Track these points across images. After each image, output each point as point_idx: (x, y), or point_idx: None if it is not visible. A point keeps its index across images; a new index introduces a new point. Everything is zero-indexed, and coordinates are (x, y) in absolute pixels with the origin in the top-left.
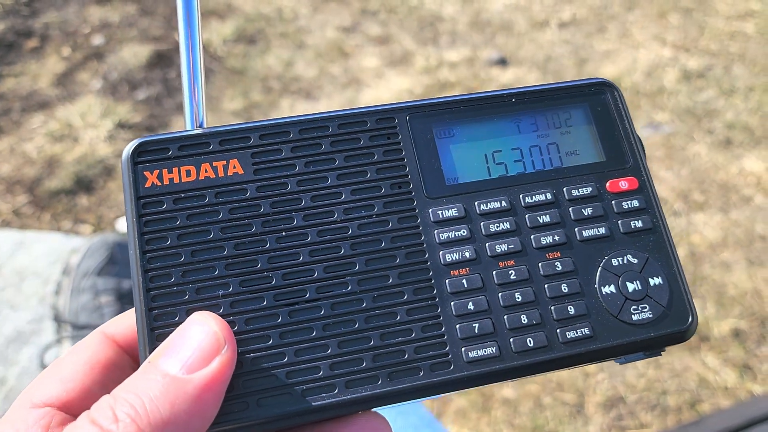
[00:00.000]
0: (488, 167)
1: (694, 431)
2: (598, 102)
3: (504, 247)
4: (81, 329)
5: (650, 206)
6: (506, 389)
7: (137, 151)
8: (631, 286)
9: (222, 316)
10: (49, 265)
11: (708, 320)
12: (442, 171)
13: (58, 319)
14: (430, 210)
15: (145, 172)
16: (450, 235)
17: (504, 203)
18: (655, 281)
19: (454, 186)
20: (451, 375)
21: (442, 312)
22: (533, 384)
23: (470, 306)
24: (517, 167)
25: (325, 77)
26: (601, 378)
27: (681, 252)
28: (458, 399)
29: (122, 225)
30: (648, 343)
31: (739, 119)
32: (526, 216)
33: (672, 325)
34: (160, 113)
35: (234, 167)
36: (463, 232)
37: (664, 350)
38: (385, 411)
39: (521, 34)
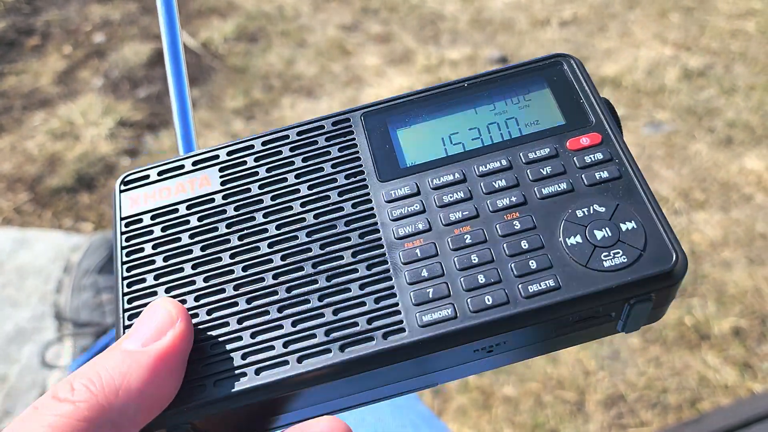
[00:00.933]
0: (445, 148)
1: (694, 429)
2: (554, 72)
3: (458, 215)
4: (82, 327)
5: (616, 156)
6: (507, 387)
7: (123, 182)
8: (599, 234)
9: (189, 309)
10: (50, 262)
11: (708, 319)
12: (396, 156)
13: (59, 317)
14: (383, 191)
15: (129, 197)
16: (403, 210)
17: (457, 175)
18: (627, 226)
19: (408, 168)
20: (405, 340)
21: (396, 282)
22: (534, 382)
23: (424, 273)
24: (475, 144)
25: (326, 75)
26: (601, 376)
27: None
28: (459, 397)
29: None
30: (629, 290)
31: (740, 118)
32: (481, 183)
33: (653, 267)
34: (161, 111)
35: (204, 181)
36: (416, 206)
37: (653, 295)
38: (382, 406)
39: (522, 32)
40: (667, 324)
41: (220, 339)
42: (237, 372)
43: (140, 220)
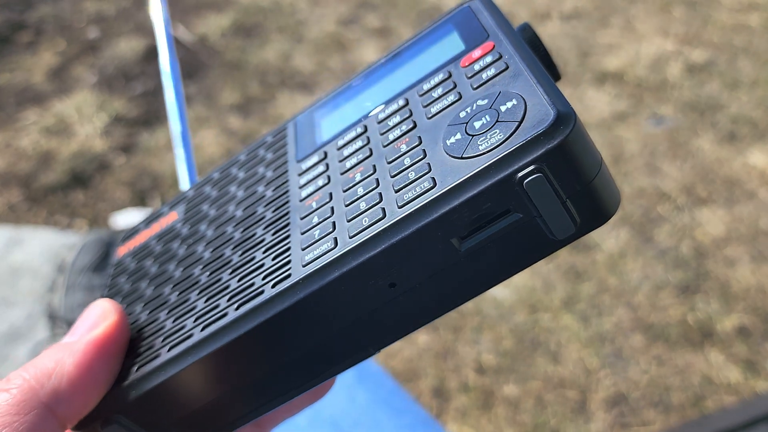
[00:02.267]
0: (358, 115)
1: (697, 429)
2: (461, 14)
3: (353, 161)
4: None
5: (505, 52)
6: (508, 387)
7: (121, 239)
8: (478, 124)
9: (134, 314)
10: (44, 261)
11: (712, 316)
12: (315, 138)
13: (53, 316)
14: (298, 167)
15: (119, 248)
16: (309, 176)
17: (359, 129)
18: (507, 106)
19: (322, 142)
20: (289, 283)
21: (292, 237)
22: (535, 381)
23: (315, 219)
24: (383, 99)
25: (323, 71)
26: (603, 375)
27: (684, 248)
28: (459, 397)
29: (116, 221)
30: (508, 165)
31: (743, 113)
32: (378, 127)
33: (530, 131)
34: (156, 107)
35: (173, 217)
36: (320, 168)
37: (544, 166)
38: (379, 409)
39: None
40: (670, 322)
41: (150, 333)
42: (154, 354)
43: (123, 262)
